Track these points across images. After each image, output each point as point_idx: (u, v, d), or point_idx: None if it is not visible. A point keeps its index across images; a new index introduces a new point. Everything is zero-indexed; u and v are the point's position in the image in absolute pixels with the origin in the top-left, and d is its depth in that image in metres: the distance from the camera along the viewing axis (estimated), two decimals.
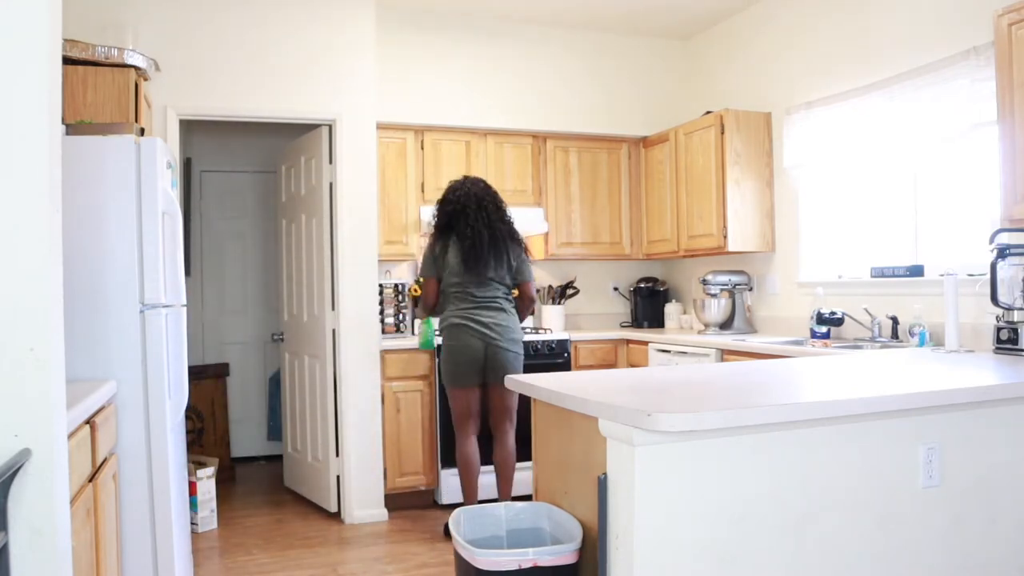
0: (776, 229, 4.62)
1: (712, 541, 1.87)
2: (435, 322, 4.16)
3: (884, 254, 3.94)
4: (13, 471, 1.47)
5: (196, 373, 5.13)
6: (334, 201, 4.38)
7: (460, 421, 3.87)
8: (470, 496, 3.90)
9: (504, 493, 3.91)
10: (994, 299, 3.01)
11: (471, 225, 3.77)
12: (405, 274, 5.10)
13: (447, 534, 3.97)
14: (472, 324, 3.74)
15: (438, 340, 4.03)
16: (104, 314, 2.69)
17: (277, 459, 5.66)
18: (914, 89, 3.68)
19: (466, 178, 4.03)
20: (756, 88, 4.79)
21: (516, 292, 3.96)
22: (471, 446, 3.86)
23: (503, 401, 3.84)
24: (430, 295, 3.93)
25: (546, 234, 5.12)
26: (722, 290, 4.66)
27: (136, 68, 3.31)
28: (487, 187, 3.96)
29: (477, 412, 3.87)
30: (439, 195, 4.82)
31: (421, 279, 4.04)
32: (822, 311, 3.96)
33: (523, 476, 4.43)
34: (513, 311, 3.87)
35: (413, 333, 4.91)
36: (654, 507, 1.81)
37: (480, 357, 3.75)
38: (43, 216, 1.56)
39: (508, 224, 3.90)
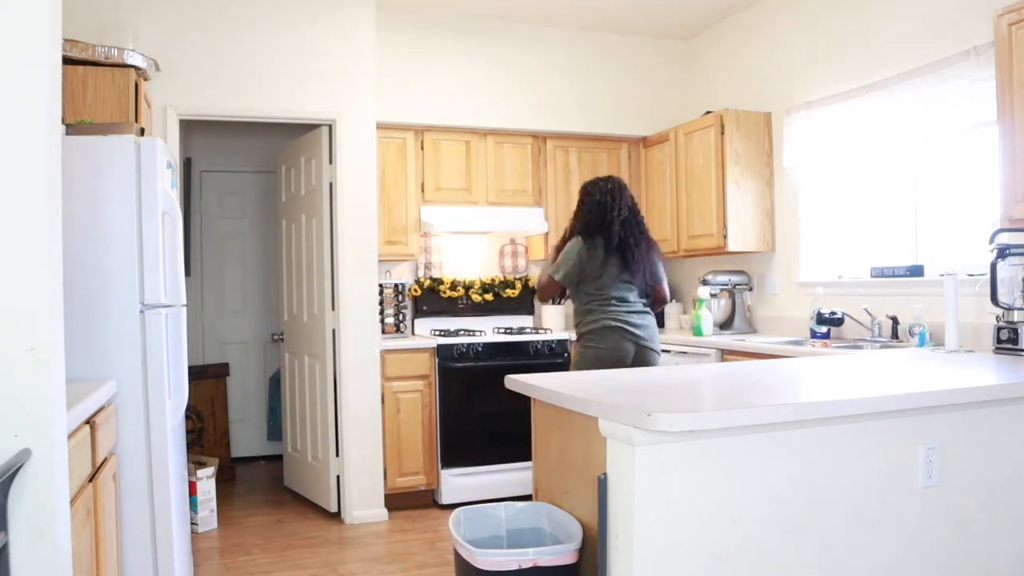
0: (776, 229, 4.62)
1: (712, 541, 1.87)
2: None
3: (884, 254, 3.94)
4: (13, 471, 1.47)
5: (196, 373, 5.13)
6: (334, 201, 4.38)
7: None
8: None
9: None
10: (994, 299, 3.01)
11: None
12: (405, 274, 5.10)
13: None
14: None
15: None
16: (104, 314, 2.69)
17: (277, 459, 5.66)
18: (914, 89, 3.68)
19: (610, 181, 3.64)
20: (756, 88, 4.78)
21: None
22: None
23: None
24: None
25: (546, 234, 5.12)
26: (722, 290, 4.66)
27: (136, 68, 3.31)
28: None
29: None
30: (439, 195, 4.86)
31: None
32: (822, 311, 3.96)
33: (523, 476, 4.44)
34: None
35: (413, 333, 4.92)
36: (654, 507, 1.81)
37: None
38: (43, 216, 1.56)
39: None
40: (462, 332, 4.77)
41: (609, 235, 3.47)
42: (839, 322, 3.92)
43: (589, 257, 3.48)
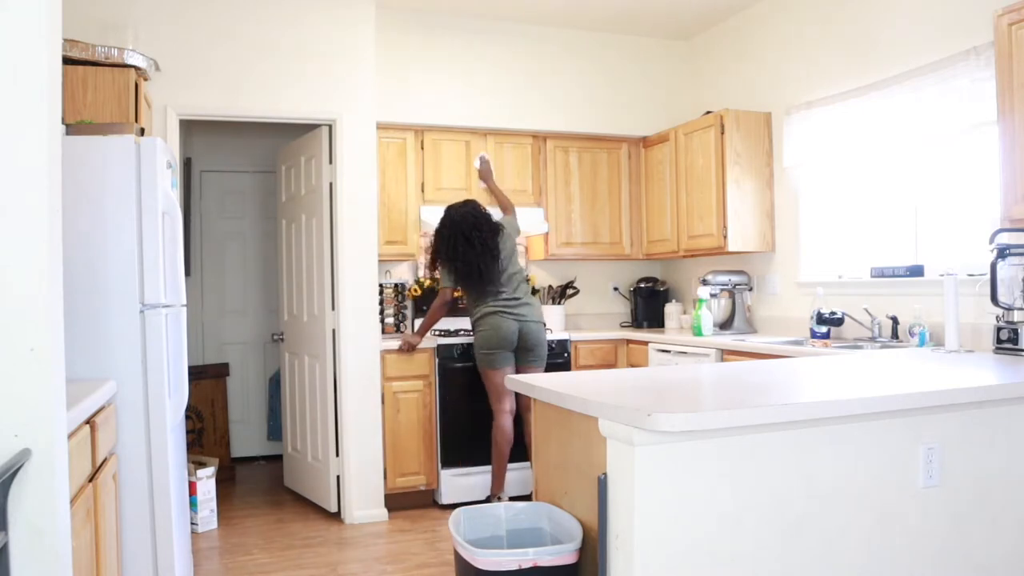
0: (776, 229, 4.62)
1: (712, 541, 1.87)
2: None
3: (884, 254, 3.94)
4: (13, 471, 1.47)
5: (196, 373, 5.13)
6: (334, 201, 4.38)
7: None
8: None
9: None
10: (994, 299, 3.01)
11: None
12: (405, 274, 5.10)
13: None
14: None
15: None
16: (104, 314, 2.69)
17: (277, 459, 5.66)
18: (914, 89, 3.68)
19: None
20: (756, 88, 4.79)
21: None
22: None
23: None
24: None
25: (546, 234, 5.12)
26: (722, 290, 4.66)
27: (136, 68, 3.31)
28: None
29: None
30: (439, 195, 4.87)
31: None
32: (822, 311, 3.96)
33: (523, 476, 4.45)
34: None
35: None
36: (654, 507, 1.81)
37: None
38: (43, 216, 1.56)
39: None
40: (462, 332, 4.76)
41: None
42: (839, 322, 3.92)
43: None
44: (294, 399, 4.90)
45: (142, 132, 2.95)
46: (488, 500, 4.31)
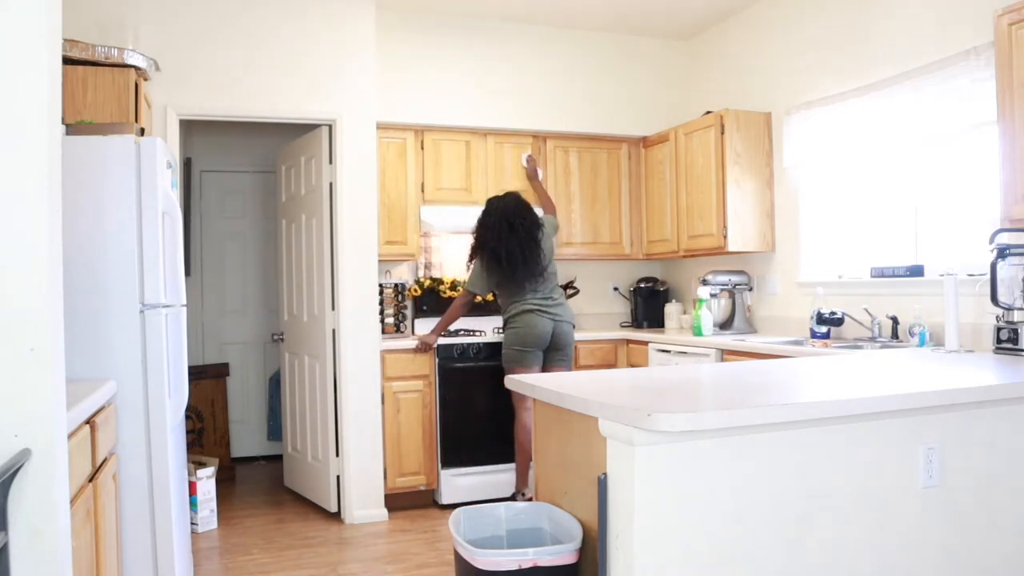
0: (776, 229, 4.62)
1: (712, 541, 1.87)
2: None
3: (884, 254, 3.94)
4: (13, 471, 1.47)
5: (196, 373, 5.13)
6: (334, 201, 4.38)
7: None
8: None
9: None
10: (994, 299, 3.01)
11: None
12: (405, 274, 5.10)
13: None
14: None
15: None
16: (104, 314, 2.69)
17: (277, 459, 5.66)
18: (914, 89, 3.68)
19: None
20: (756, 88, 4.78)
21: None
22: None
23: None
24: None
25: None
26: (722, 290, 4.66)
27: (136, 68, 3.31)
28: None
29: None
30: (439, 195, 4.87)
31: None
32: (822, 311, 3.96)
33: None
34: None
35: (414, 333, 4.91)
36: (654, 507, 1.81)
37: None
38: (43, 216, 1.56)
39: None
40: (462, 332, 4.77)
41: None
42: (839, 322, 3.92)
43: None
44: (294, 399, 4.90)
45: (142, 132, 2.95)
46: (513, 497, 4.31)
